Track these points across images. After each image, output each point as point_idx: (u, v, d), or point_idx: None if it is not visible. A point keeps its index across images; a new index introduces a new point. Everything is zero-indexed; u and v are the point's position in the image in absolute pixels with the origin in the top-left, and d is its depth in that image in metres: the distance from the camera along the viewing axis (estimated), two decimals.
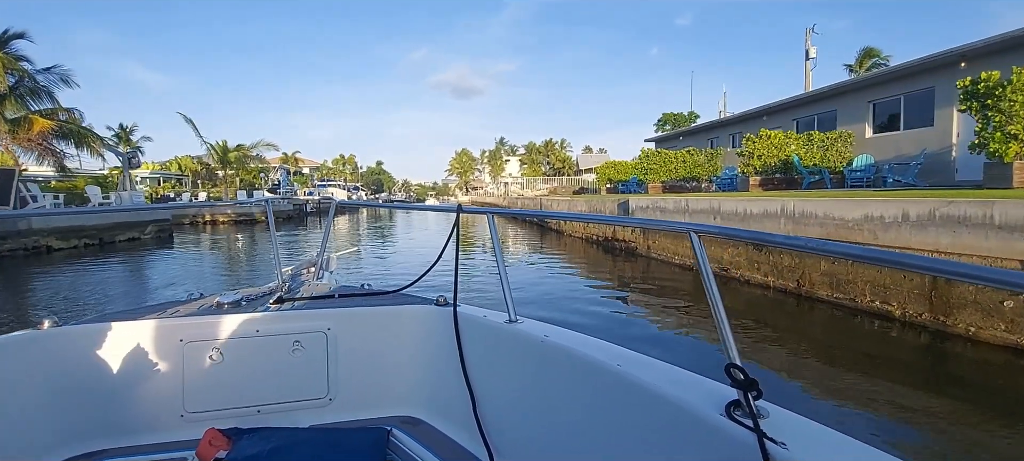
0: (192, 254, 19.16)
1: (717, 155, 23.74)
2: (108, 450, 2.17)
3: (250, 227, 32.40)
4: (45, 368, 2.17)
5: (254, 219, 34.48)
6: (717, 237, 1.64)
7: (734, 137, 26.06)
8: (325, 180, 72.01)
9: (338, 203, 3.76)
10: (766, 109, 23.59)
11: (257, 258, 17.68)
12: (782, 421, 1.20)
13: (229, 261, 17.28)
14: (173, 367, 2.32)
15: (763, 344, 6.51)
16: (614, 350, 1.75)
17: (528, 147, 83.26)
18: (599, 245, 16.33)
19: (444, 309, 2.51)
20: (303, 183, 64.73)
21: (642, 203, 14.75)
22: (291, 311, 2.55)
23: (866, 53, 38.69)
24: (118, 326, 2.32)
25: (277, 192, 46.57)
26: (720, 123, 27.95)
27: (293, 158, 69.35)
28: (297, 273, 3.81)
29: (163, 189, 42.88)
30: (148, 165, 56.11)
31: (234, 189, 40.45)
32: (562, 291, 10.25)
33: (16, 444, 1.99)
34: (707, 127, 28.84)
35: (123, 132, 57.74)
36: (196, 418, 2.29)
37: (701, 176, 23.36)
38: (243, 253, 19.57)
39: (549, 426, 1.85)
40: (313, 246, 19.30)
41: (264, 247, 20.52)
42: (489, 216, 2.50)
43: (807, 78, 31.56)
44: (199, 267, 15.87)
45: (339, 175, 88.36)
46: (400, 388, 2.54)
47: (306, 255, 12.58)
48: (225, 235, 27.90)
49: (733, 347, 1.29)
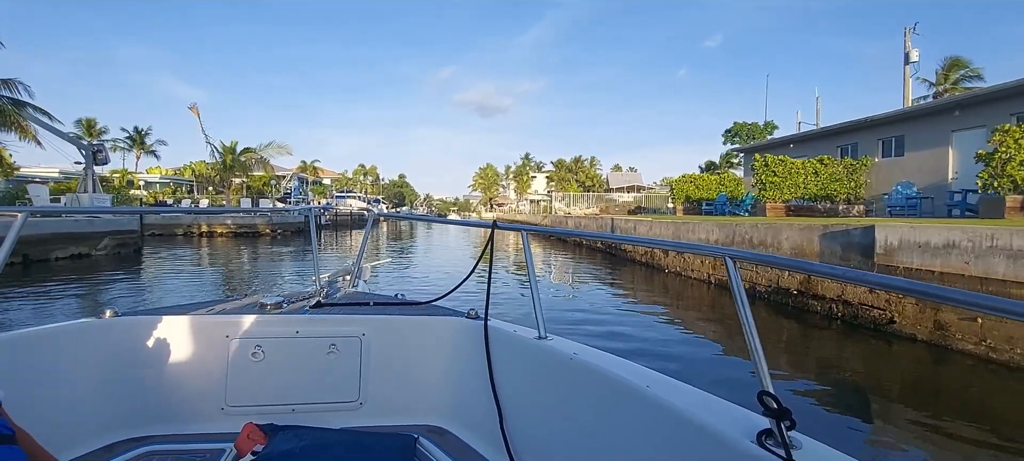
0: (161, 277, 15.31)
1: (863, 167, 18.74)
2: (153, 437, 2.27)
3: (252, 241, 28.75)
4: (102, 354, 2.29)
5: (257, 231, 30.82)
6: (752, 262, 1.84)
7: (889, 142, 19.21)
8: (343, 191, 68.78)
9: (378, 214, 4.94)
10: (950, 102, 16.82)
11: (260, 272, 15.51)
12: (815, 453, 1.17)
13: (216, 285, 13.40)
14: (218, 361, 2.42)
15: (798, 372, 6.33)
16: (644, 372, 1.73)
17: (557, 164, 79.42)
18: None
19: (475, 322, 2.54)
20: (321, 194, 61.52)
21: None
22: (329, 315, 2.61)
23: (952, 64, 34.17)
24: (171, 319, 2.43)
25: (288, 202, 43.40)
26: (862, 124, 20.05)
27: (312, 167, 66.43)
28: (334, 280, 3.76)
29: (163, 194, 39.65)
30: (159, 169, 53.71)
31: (236, 196, 36.85)
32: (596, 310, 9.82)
33: (69, 424, 2.11)
34: (838, 130, 21.52)
35: (137, 135, 55.66)
36: (236, 412, 2.37)
37: (838, 194, 18.63)
38: (234, 276, 15.59)
39: (576, 444, 1.83)
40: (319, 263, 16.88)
41: (260, 265, 18.17)
42: (523, 233, 2.40)
43: (906, 85, 27.33)
44: (154, 295, 12.00)
45: (360, 186, 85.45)
46: (429, 397, 2.56)
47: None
48: (222, 251, 24.24)
49: (766, 374, 1.25)
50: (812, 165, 18.51)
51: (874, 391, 5.74)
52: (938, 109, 16.83)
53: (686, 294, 11.43)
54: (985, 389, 5.71)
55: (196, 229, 29.88)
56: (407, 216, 11.30)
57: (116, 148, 52.86)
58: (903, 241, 7.25)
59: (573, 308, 10.15)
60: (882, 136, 19.02)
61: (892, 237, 7.43)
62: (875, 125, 19.18)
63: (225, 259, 20.97)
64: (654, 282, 13.33)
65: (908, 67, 27.24)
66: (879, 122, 18.91)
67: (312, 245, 3.58)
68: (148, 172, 51.68)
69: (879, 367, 6.48)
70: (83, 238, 17.75)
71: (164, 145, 55.20)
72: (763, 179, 18.01)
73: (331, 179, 75.67)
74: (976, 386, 5.78)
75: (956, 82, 33.08)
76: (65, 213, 18.54)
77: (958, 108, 15.74)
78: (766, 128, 42.64)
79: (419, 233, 38.81)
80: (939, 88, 33.22)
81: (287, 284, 14.41)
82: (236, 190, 37.29)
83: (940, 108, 16.75)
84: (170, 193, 41.36)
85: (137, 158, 55.29)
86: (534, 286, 2.27)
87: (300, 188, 49.34)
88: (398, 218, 38.73)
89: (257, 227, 30.95)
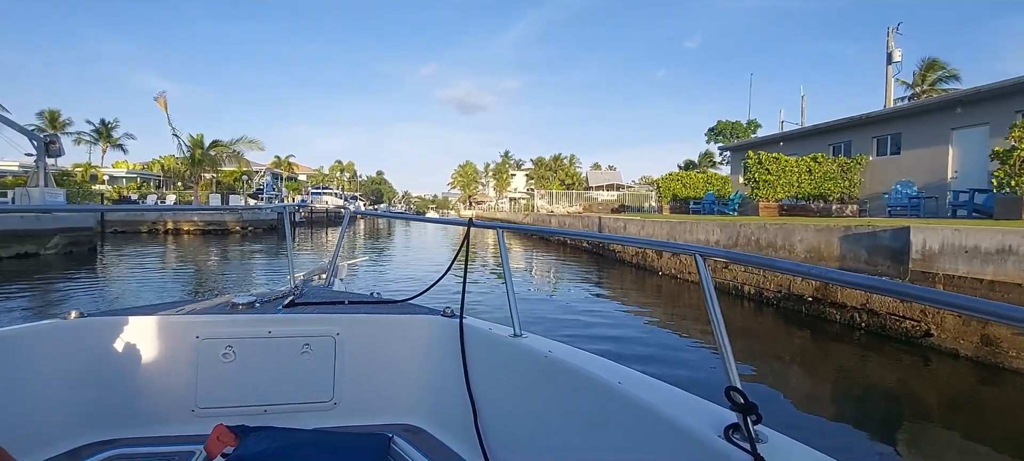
0: (119, 279, 14.07)
1: (858, 165, 18.21)
2: (121, 439, 2.21)
3: (221, 239, 27.34)
4: (67, 356, 2.22)
5: (226, 229, 29.37)
6: (721, 259, 2.16)
7: (885, 141, 18.42)
8: (319, 187, 67.01)
9: (355, 212, 4.21)
10: (950, 99, 16.09)
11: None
12: (780, 447, 1.19)
13: (182, 286, 12.21)
14: (188, 363, 2.37)
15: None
16: (616, 368, 1.76)
17: (537, 162, 78.60)
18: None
19: (450, 320, 2.54)
20: (296, 190, 59.76)
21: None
22: (302, 315, 2.57)
23: (928, 65, 34.15)
24: (139, 320, 2.37)
25: (260, 198, 41.76)
26: (856, 121, 19.25)
27: (286, 162, 64.51)
28: (309, 279, 3.79)
29: (128, 189, 37.76)
30: (126, 164, 51.54)
31: (205, 192, 35.15)
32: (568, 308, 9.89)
33: (33, 427, 2.06)
34: (830, 128, 20.64)
35: (104, 128, 53.19)
36: (206, 414, 2.32)
37: (831, 193, 18.04)
38: (202, 276, 14.39)
39: (548, 440, 1.86)
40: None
41: (230, 264, 17.24)
42: (499, 230, 2.44)
43: (888, 85, 27.03)
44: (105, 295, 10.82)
45: (337, 183, 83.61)
46: (403, 396, 2.55)
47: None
48: (189, 249, 22.89)
49: (734, 370, 1.27)
50: (805, 163, 18.01)
51: (909, 412, 5.27)
52: (937, 106, 16.39)
53: (679, 297, 10.82)
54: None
55: (161, 226, 28.32)
56: (384, 214, 11.55)
57: (81, 141, 50.54)
58: (946, 245, 6.52)
59: (551, 307, 10.04)
60: (877, 134, 18.57)
61: (932, 240, 6.70)
62: (870, 123, 18.74)
63: (192, 258, 19.67)
64: (646, 285, 12.64)
65: (891, 67, 27.00)
66: (874, 119, 18.46)
67: (287, 243, 3.49)
68: (114, 166, 49.47)
69: (915, 384, 5.89)
70: (30, 236, 16.15)
71: (132, 139, 52.60)
72: (756, 177, 17.44)
73: (307, 175, 73.79)
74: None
75: (933, 83, 33.08)
76: (8, 211, 16.95)
77: (960, 105, 15.29)
78: (749, 127, 42.44)
79: (397, 231, 37.79)
80: (916, 89, 33.21)
81: (260, 283, 13.82)
82: (205, 186, 35.54)
83: (940, 105, 16.31)
84: (135, 188, 39.36)
85: (103, 152, 52.85)
86: (510, 283, 2.26)
87: (273, 184, 47.61)
88: (375, 216, 38.23)
89: (227, 224, 29.49)
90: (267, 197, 42.35)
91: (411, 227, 40.60)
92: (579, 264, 17.71)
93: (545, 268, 17.32)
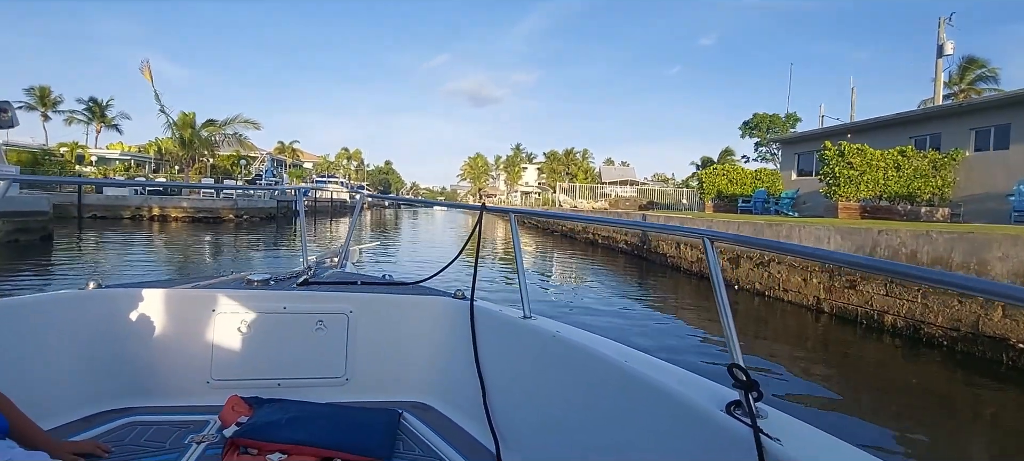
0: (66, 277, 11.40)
1: (952, 161, 15.27)
2: (136, 408, 2.24)
3: (212, 227, 24.73)
4: (86, 326, 2.27)
5: (219, 217, 26.73)
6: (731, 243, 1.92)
7: (986, 133, 15.57)
8: (324, 175, 64.44)
9: (367, 196, 4.22)
10: None
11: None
12: (780, 422, 1.22)
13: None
14: (204, 335, 2.41)
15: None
16: (622, 349, 1.78)
17: (549, 155, 75.73)
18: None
19: (461, 302, 2.57)
20: (299, 177, 57.16)
21: None
22: (316, 292, 2.63)
23: (968, 63, 31.80)
24: (157, 292, 2.42)
25: (258, 183, 39.15)
26: (950, 110, 16.66)
27: (290, 148, 61.92)
28: (321, 260, 3.78)
29: (114, 171, 35.15)
30: (121, 145, 49.18)
31: (198, 177, 32.33)
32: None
33: (50, 393, 2.09)
34: (914, 118, 17.71)
35: (96, 106, 50.76)
36: (221, 385, 2.35)
37: (921, 193, 15.13)
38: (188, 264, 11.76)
39: (556, 418, 1.89)
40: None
41: (221, 259, 15.20)
42: (511, 214, 2.49)
43: (938, 80, 24.23)
44: None
45: (343, 171, 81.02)
46: (413, 374, 2.59)
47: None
48: (174, 238, 20.30)
49: (737, 348, 1.31)
50: (893, 157, 15.09)
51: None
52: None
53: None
54: None
55: (146, 212, 25.73)
56: (396, 199, 11.25)
57: (73, 121, 48.19)
58: None
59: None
60: (977, 125, 15.67)
61: None
62: (970, 111, 15.84)
63: (177, 249, 17.09)
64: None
65: (941, 61, 24.13)
66: (975, 108, 15.58)
67: (300, 224, 3.63)
68: (108, 148, 47.08)
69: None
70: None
71: (127, 119, 50.22)
72: (837, 171, 14.50)
73: (312, 163, 71.25)
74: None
75: (972, 82, 31.12)
76: None
77: None
78: (788, 120, 39.36)
79: (404, 224, 35.51)
80: (954, 88, 30.70)
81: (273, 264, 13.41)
82: (198, 170, 32.78)
83: None
84: (123, 169, 36.68)
85: (98, 132, 50.47)
86: (520, 267, 2.32)
87: (273, 170, 44.87)
88: (386, 201, 38.05)
89: (219, 212, 26.85)
90: (266, 184, 39.68)
91: (418, 221, 39.47)
92: (615, 268, 14.96)
93: (575, 273, 14.64)
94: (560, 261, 17.50)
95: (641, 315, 9.08)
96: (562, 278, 13.81)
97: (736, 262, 10.52)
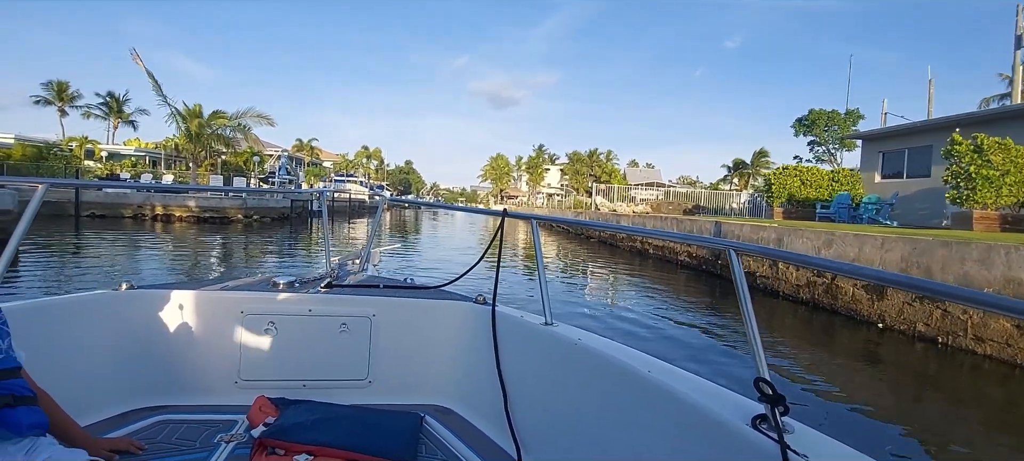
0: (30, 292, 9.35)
1: None
2: (167, 406, 2.26)
3: (219, 229, 22.83)
4: (119, 326, 2.28)
5: (226, 217, 24.79)
6: (755, 254, 1.79)
7: None
8: (343, 174, 62.74)
9: (389, 200, 4.89)
10: None
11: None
12: (807, 438, 1.18)
13: None
14: (232, 336, 2.42)
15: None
16: (645, 358, 1.76)
17: (572, 156, 73.10)
18: None
19: (483, 307, 2.55)
20: (318, 176, 55.39)
21: None
22: (340, 295, 2.63)
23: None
24: (187, 293, 2.43)
25: (271, 182, 37.24)
26: None
27: (309, 146, 60.31)
28: (344, 263, 3.76)
29: (122, 167, 33.51)
30: (137, 141, 47.85)
31: (207, 174, 30.41)
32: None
33: (86, 390, 2.10)
34: None
35: (114, 101, 49.58)
36: (249, 385, 2.38)
37: None
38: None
39: (578, 426, 1.86)
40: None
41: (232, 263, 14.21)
42: (532, 221, 2.46)
43: (1017, 74, 21.15)
44: None
45: (363, 170, 79.38)
46: (435, 378, 2.58)
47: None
48: (177, 240, 18.36)
49: (763, 361, 1.28)
50: None
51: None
52: None
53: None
54: None
55: (148, 210, 23.94)
56: (417, 202, 10.68)
57: (89, 115, 47.04)
58: None
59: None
60: None
61: None
62: None
63: (178, 252, 15.06)
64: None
65: (1019, 52, 21.08)
66: None
67: (324, 226, 3.62)
68: (125, 144, 45.78)
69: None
70: None
71: (145, 114, 48.86)
72: (973, 171, 11.76)
73: (332, 162, 69.65)
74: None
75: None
76: None
77: None
78: (848, 117, 36.21)
79: (424, 227, 33.54)
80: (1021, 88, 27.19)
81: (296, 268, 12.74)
82: (209, 166, 30.90)
83: None
84: (130, 166, 35.05)
85: (115, 128, 49.30)
86: (542, 274, 2.30)
87: (288, 167, 42.93)
88: (407, 204, 37.07)
89: (226, 212, 24.92)
90: (280, 182, 37.72)
91: (438, 223, 38.20)
92: (675, 287, 12.42)
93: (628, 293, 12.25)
94: (598, 274, 15.09)
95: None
96: (604, 295, 11.46)
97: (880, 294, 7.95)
